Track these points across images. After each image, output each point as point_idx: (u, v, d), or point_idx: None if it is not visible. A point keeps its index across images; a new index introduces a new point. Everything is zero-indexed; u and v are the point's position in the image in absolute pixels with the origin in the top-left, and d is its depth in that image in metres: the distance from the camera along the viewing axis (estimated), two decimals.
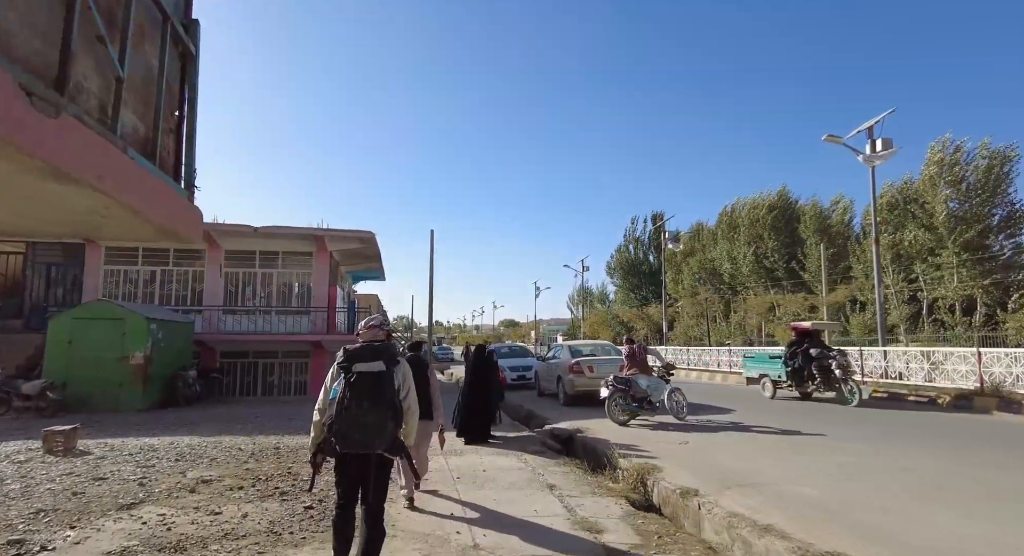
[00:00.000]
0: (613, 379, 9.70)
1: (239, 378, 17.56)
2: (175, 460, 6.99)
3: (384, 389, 3.21)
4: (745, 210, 43.84)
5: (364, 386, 3.16)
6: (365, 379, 3.18)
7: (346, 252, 19.56)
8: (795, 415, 11.08)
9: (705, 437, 8.45)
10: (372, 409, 3.13)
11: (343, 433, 3.11)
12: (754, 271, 42.82)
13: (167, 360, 13.15)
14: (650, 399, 9.67)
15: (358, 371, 3.20)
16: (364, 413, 3.10)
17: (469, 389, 8.72)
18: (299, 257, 18.18)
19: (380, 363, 3.25)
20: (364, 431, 3.11)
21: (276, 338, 17.08)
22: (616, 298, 67.53)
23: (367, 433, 3.12)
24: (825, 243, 37.92)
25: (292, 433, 9.37)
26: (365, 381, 3.17)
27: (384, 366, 3.26)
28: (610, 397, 9.60)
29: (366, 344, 3.40)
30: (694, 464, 6.73)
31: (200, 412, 12.19)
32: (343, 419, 3.10)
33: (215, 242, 17.35)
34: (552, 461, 7.23)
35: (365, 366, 3.22)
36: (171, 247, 17.43)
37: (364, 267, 23.78)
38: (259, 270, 17.95)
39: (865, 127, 14.02)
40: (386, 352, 3.35)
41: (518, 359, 17.88)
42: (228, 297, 17.64)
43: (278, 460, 7.12)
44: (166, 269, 17.42)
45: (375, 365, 3.23)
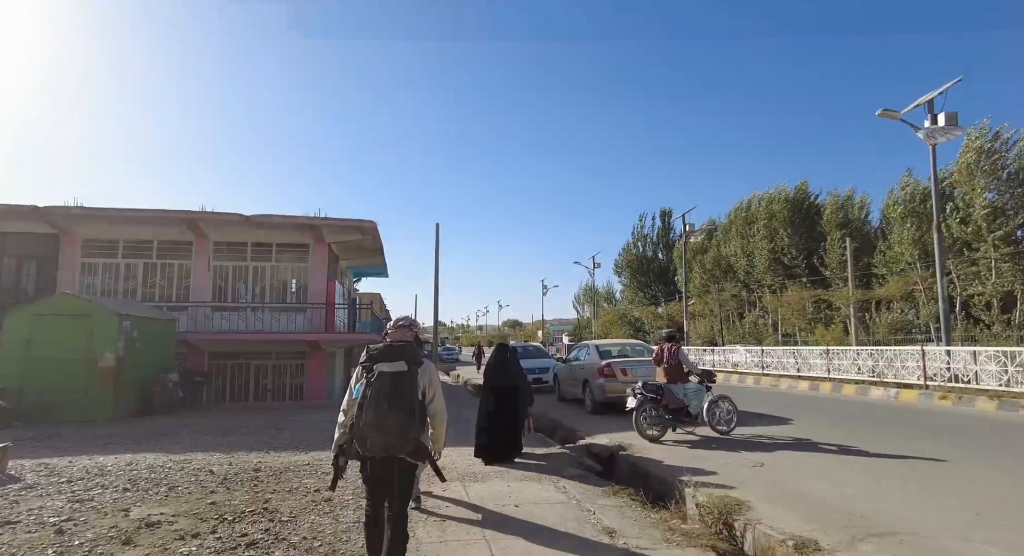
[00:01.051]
0: (642, 387, 8.21)
1: (229, 381, 16.11)
2: (123, 490, 5.52)
3: (405, 391, 3.09)
4: (762, 205, 42.31)
5: (384, 387, 3.06)
6: (386, 379, 3.08)
7: (346, 244, 18.10)
8: (861, 422, 9.59)
9: (776, 457, 6.97)
10: (392, 411, 3.00)
11: (363, 436, 3.04)
12: (770, 268, 41.27)
13: (144, 362, 11.71)
14: (688, 410, 8.18)
15: (380, 371, 3.11)
16: (384, 415, 2.99)
17: (490, 397, 7.25)
18: (294, 250, 16.73)
19: (402, 363, 3.15)
20: (385, 434, 3.01)
21: (269, 337, 15.63)
22: (623, 297, 66.11)
23: (388, 436, 3.01)
24: (847, 238, 36.46)
25: (278, 449, 7.91)
26: (386, 382, 3.08)
27: (406, 366, 3.15)
28: (639, 408, 8.12)
29: (389, 344, 3.32)
30: (785, 496, 5.26)
31: (179, 421, 10.75)
32: (363, 421, 3.02)
33: (203, 233, 15.91)
34: (598, 490, 5.76)
35: (387, 366, 3.12)
36: (154, 239, 16.03)
37: (366, 262, 22.32)
38: (251, 264, 16.50)
39: (925, 100, 12.50)
40: (409, 352, 3.23)
41: (533, 360, 16.38)
42: (217, 293, 16.20)
43: (255, 489, 5.66)
44: (149, 262, 15.98)
45: (397, 365, 3.14)
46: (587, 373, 11.20)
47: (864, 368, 14.96)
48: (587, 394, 11.17)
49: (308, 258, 16.71)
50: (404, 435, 3.04)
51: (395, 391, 3.06)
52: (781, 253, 40.99)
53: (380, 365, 3.13)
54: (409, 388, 3.12)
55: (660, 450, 7.58)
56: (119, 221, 15.35)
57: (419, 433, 3.15)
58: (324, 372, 16.55)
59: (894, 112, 12.75)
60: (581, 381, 11.48)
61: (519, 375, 7.63)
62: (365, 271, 25.92)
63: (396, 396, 3.05)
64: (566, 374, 12.79)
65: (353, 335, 17.32)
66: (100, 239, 15.65)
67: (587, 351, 11.96)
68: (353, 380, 3.28)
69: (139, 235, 15.85)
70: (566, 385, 12.87)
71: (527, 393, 7.77)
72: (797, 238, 40.06)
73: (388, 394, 3.03)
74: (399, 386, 3.09)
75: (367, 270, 25.75)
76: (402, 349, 3.24)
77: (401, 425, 3.02)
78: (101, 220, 15.20)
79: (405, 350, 3.24)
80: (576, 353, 12.92)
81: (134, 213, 14.95)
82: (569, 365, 12.87)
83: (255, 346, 16.07)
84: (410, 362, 3.17)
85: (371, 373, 3.11)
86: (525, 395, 7.67)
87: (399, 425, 3.02)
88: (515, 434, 7.36)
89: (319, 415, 11.73)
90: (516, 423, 7.38)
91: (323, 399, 16.26)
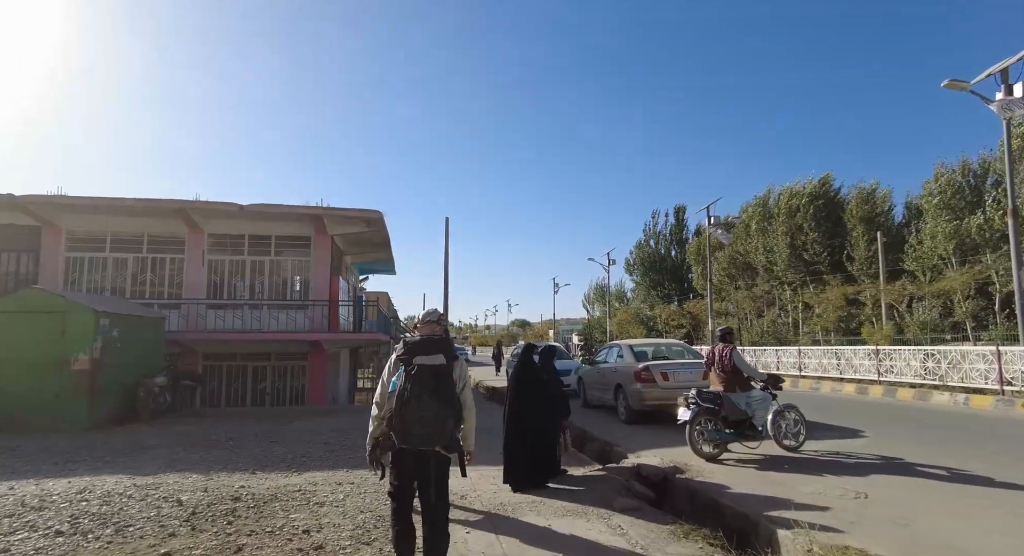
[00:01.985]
0: (696, 395, 6.90)
1: (225, 384, 14.96)
2: (55, 534, 4.30)
3: (444, 383, 3.15)
4: (782, 200, 40.77)
5: (425, 379, 3.09)
6: (426, 372, 3.11)
7: (350, 237, 16.90)
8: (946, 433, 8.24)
9: (874, 485, 5.65)
10: (432, 403, 3.05)
11: (403, 428, 3.05)
12: (792, 265, 39.74)
13: (126, 364, 10.54)
14: (752, 422, 6.87)
15: (419, 364, 3.12)
16: (425, 407, 3.03)
17: (518, 409, 6.00)
18: (295, 243, 15.55)
19: (440, 356, 3.18)
20: (425, 426, 3.04)
21: (268, 337, 14.47)
22: (635, 295, 64.69)
23: (427, 428, 3.05)
24: (873, 233, 34.89)
25: (268, 468, 6.69)
26: (426, 374, 3.10)
27: (444, 359, 3.18)
28: (693, 420, 6.82)
29: (426, 337, 3.32)
30: (918, 546, 3.96)
31: (162, 431, 9.57)
32: (403, 413, 3.05)
33: (196, 225, 14.76)
34: (663, 529, 4.51)
35: (426, 359, 3.14)
36: (145, 231, 14.89)
37: (372, 258, 21.14)
38: (248, 258, 15.33)
39: (996, 69, 11.10)
40: (446, 345, 3.27)
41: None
42: (212, 289, 15.05)
43: (227, 528, 4.43)
44: (139, 256, 14.85)
45: (436, 358, 3.16)
46: (620, 377, 9.91)
47: (919, 370, 13.55)
48: (620, 401, 9.87)
49: (310, 252, 15.54)
50: (443, 427, 3.08)
51: (435, 384, 3.09)
52: (803, 249, 39.47)
53: (419, 358, 3.13)
54: (448, 381, 3.16)
55: (723, 472, 6.28)
56: (105, 212, 14.23)
57: (456, 426, 3.20)
58: (327, 375, 15.36)
59: (962, 83, 11.35)
60: (613, 386, 10.18)
61: (553, 382, 6.37)
62: (371, 268, 24.74)
63: (436, 389, 3.08)
64: (593, 378, 11.49)
65: (358, 335, 16.13)
66: (85, 231, 14.53)
67: (619, 352, 10.64)
68: (387, 373, 3.28)
69: (128, 227, 14.72)
70: (593, 390, 11.58)
71: (562, 403, 6.50)
72: (820, 233, 38.52)
73: (429, 387, 3.06)
74: (439, 379, 3.12)
75: (373, 267, 24.57)
76: (439, 342, 3.26)
77: (442, 417, 3.07)
78: (86, 210, 14.08)
79: (442, 343, 3.26)
80: (605, 354, 11.60)
81: (121, 203, 13.82)
82: (597, 367, 11.57)
83: (253, 346, 14.93)
84: (448, 355, 3.20)
85: (410, 366, 3.12)
86: (560, 406, 6.41)
87: (440, 417, 3.06)
88: (549, 454, 6.11)
89: (321, 423, 10.51)
90: (551, 440, 6.12)
91: (326, 403, 15.07)
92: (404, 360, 3.16)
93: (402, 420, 3.04)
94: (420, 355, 3.15)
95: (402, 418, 3.03)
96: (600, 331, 73.85)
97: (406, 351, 3.20)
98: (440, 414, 3.06)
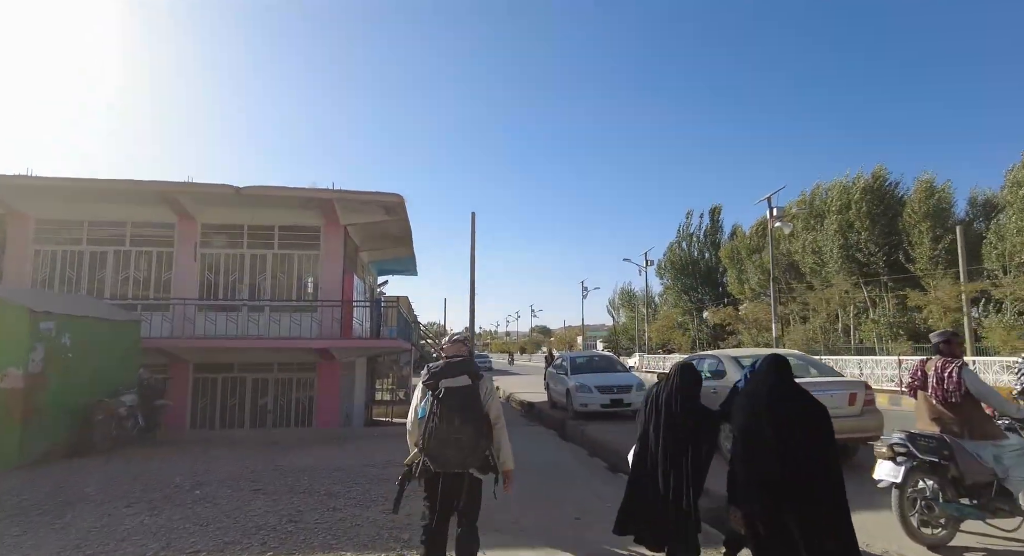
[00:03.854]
0: (908, 440, 4.29)
1: (219, 401, 12.69)
2: None
3: (473, 404, 3.13)
4: (831, 196, 37.70)
5: (454, 401, 3.07)
6: (454, 394, 3.10)
7: (366, 229, 14.60)
8: None
9: None
10: (464, 425, 3.04)
11: (437, 453, 3.04)
12: (843, 266, 36.58)
13: (81, 380, 8.30)
14: (1004, 486, 4.24)
15: (446, 387, 3.11)
16: (457, 430, 3.02)
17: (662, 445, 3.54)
18: (302, 234, 13.27)
19: (465, 377, 3.18)
20: (459, 449, 3.02)
21: (270, 344, 12.18)
22: (664, 300, 61.83)
23: (462, 451, 3.03)
24: (939, 230, 31.72)
25: (234, 550, 4.28)
26: (454, 396, 3.09)
27: (469, 380, 3.17)
28: (904, 482, 4.24)
29: (447, 360, 3.32)
30: None
31: (116, 470, 7.26)
32: (435, 437, 3.03)
33: (187, 213, 12.57)
34: None
35: (451, 382, 3.13)
36: (128, 220, 12.74)
37: (391, 255, 18.80)
38: (247, 251, 13.09)
39: None
40: (468, 366, 3.26)
41: (605, 375, 12.54)
42: (205, 288, 12.83)
43: None
44: (121, 250, 12.68)
45: (460, 380, 3.15)
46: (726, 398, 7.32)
47: None
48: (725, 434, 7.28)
49: (319, 245, 13.24)
50: (476, 448, 3.07)
51: (465, 405, 3.07)
52: (856, 248, 36.32)
53: (444, 381, 3.13)
54: (476, 402, 3.14)
55: None
56: (81, 196, 12.11)
57: (488, 446, 3.16)
58: (338, 389, 13.02)
59: None
60: None
61: (706, 418, 3.83)
62: (390, 268, 22.43)
63: (466, 410, 3.06)
64: None
65: (376, 341, 13.78)
66: (58, 220, 12.42)
67: (724, 366, 8.00)
68: (416, 400, 3.28)
69: (108, 215, 12.58)
70: None
71: (711, 448, 3.94)
72: (874, 232, 35.35)
73: (459, 409, 3.05)
74: (467, 400, 3.10)
75: (392, 267, 22.26)
76: (461, 364, 3.26)
77: (474, 439, 3.05)
78: (57, 195, 11.96)
79: (464, 365, 3.26)
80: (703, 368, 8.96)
81: (98, 185, 11.66)
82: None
83: (253, 355, 12.65)
84: (472, 376, 3.19)
85: (437, 390, 3.11)
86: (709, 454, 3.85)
87: (472, 439, 3.04)
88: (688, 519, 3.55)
89: (326, 456, 8.13)
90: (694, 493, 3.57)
91: (337, 424, 12.71)
92: (430, 385, 3.14)
93: (435, 445, 3.03)
94: (445, 378, 3.12)
95: (435, 442, 3.02)
96: (627, 337, 71.07)
97: (431, 376, 3.17)
98: (473, 436, 3.05)
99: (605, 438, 9.67)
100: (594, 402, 11.50)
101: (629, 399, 11.57)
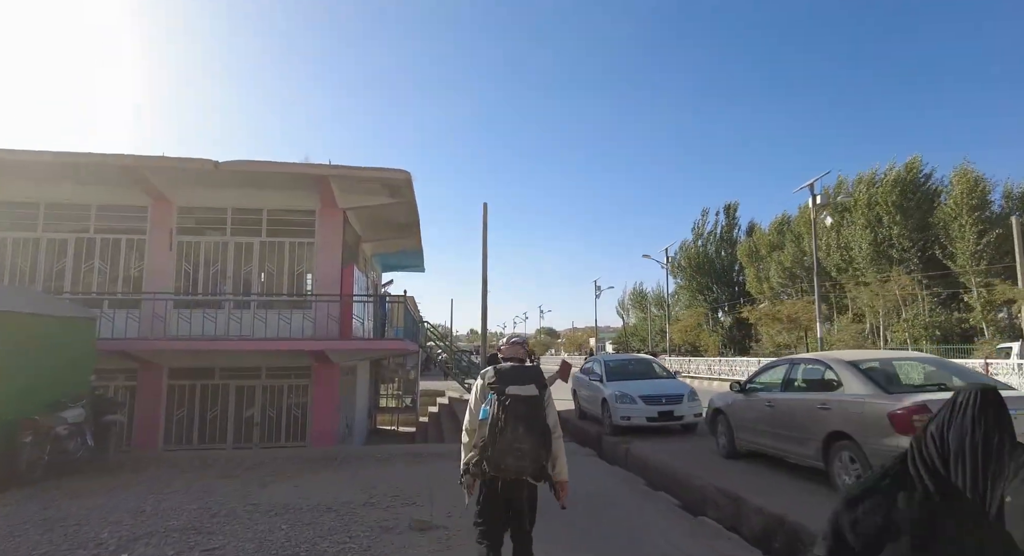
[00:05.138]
0: None
1: (197, 413, 10.91)
2: None
3: (538, 414, 3.08)
4: (861, 188, 35.77)
5: (519, 410, 3.01)
6: (520, 403, 3.03)
7: (368, 215, 12.84)
8: None
9: None
10: (528, 435, 2.98)
11: (497, 458, 2.97)
12: (873, 262, 34.61)
13: (8, 393, 6.54)
14: None
15: (512, 394, 3.05)
16: (520, 439, 2.96)
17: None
18: (295, 219, 11.52)
19: (533, 387, 3.12)
20: (520, 457, 2.96)
21: (258, 346, 10.42)
22: (675, 300, 59.88)
23: (523, 459, 2.97)
24: (983, 224, 29.74)
25: None
26: (520, 405, 3.03)
27: (536, 390, 3.12)
28: None
29: (517, 366, 3.27)
30: None
31: (30, 512, 5.51)
32: (497, 443, 2.95)
33: (161, 195, 10.83)
34: None
35: (519, 389, 3.08)
36: (93, 203, 11.01)
37: (396, 247, 17.04)
38: (231, 239, 11.34)
39: None
40: (536, 375, 3.20)
41: (649, 382, 10.67)
42: (183, 282, 11.08)
43: None
44: (84, 237, 10.96)
45: (528, 389, 3.10)
46: (844, 419, 5.48)
47: None
48: (844, 464, 5.43)
49: (315, 232, 11.48)
50: (537, 458, 3.02)
51: (530, 415, 3.03)
52: (888, 244, 34.35)
53: (512, 388, 3.07)
54: (542, 411, 3.11)
55: None
56: (35, 173, 10.38)
57: (548, 457, 3.10)
58: (337, 397, 11.23)
59: None
60: (819, 436, 5.75)
61: None
62: (395, 263, 20.66)
63: (531, 420, 3.02)
64: (758, 414, 7.03)
65: (381, 343, 12.00)
66: (7, 202, 10.69)
67: (830, 374, 6.11)
68: (475, 400, 3.23)
69: (69, 196, 10.86)
70: (753, 434, 7.14)
71: None
72: (907, 227, 33.39)
73: (524, 418, 3.00)
74: (532, 410, 3.06)
75: (398, 262, 20.50)
76: (530, 372, 3.21)
77: (536, 448, 3.00)
78: (7, 171, 10.24)
79: (532, 373, 3.21)
80: (776, 374, 7.13)
81: (56, 159, 9.92)
82: (756, 397, 7.15)
83: (237, 359, 10.90)
84: (539, 385, 3.15)
85: (503, 396, 3.04)
86: None
87: (534, 449, 2.99)
88: None
89: (313, 488, 6.34)
90: None
91: (335, 438, 10.93)
92: (496, 389, 3.08)
93: (496, 450, 2.95)
94: (513, 385, 3.08)
95: (496, 448, 2.95)
96: (638, 339, 69.06)
97: (498, 380, 3.11)
98: (535, 445, 2.99)
99: (663, 462, 7.79)
100: (638, 415, 9.65)
101: (680, 411, 9.72)
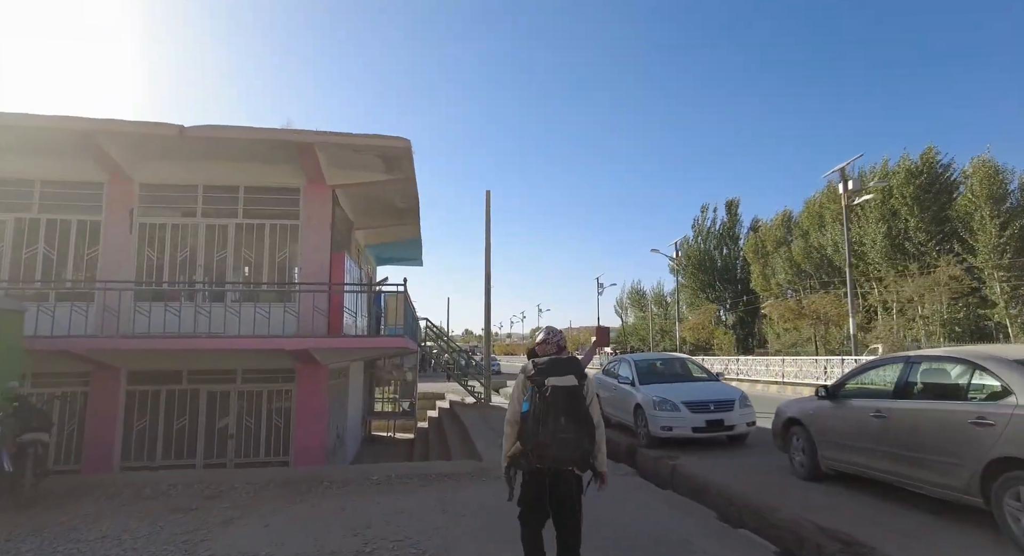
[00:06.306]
0: None
1: (162, 423, 9.31)
2: None
3: (579, 404, 3.15)
4: (875, 180, 34.54)
5: (560, 401, 3.09)
6: (560, 393, 3.11)
7: (362, 195, 11.27)
8: None
9: None
10: (570, 425, 3.06)
11: (540, 449, 3.06)
12: (888, 256, 33.38)
13: None
14: None
15: (552, 385, 3.12)
16: (563, 429, 3.04)
17: None
18: (276, 197, 9.96)
19: (572, 377, 3.19)
20: (563, 448, 3.05)
21: (231, 345, 8.81)
22: (673, 299, 58.58)
23: (565, 449, 3.06)
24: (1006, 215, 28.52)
25: None
26: (560, 396, 3.11)
27: (576, 380, 3.20)
28: None
29: (554, 358, 3.34)
30: None
31: None
32: (540, 434, 3.04)
33: (120, 169, 9.24)
34: None
35: (558, 380, 3.15)
36: (37, 178, 9.40)
37: (393, 236, 15.48)
38: (202, 221, 9.75)
39: None
40: (575, 366, 3.28)
41: (689, 385, 9.19)
42: (145, 270, 9.50)
43: None
44: (26, 217, 9.35)
45: (567, 379, 3.18)
46: (1019, 443, 4.00)
47: None
48: (1020, 508, 3.95)
49: (299, 212, 9.92)
50: (580, 447, 3.09)
51: (571, 405, 3.10)
52: (903, 237, 33.12)
53: (551, 379, 3.14)
54: (582, 402, 3.17)
55: None
56: None
57: (591, 448, 3.17)
58: (325, 403, 9.66)
59: None
60: (974, 463, 4.25)
61: None
62: (392, 255, 19.05)
63: (572, 410, 3.09)
64: (858, 427, 5.51)
65: (376, 340, 10.45)
66: None
67: (992, 377, 4.55)
68: (517, 393, 3.30)
69: (8, 170, 9.25)
70: (848, 452, 5.65)
71: None
72: (923, 219, 32.16)
73: (565, 409, 3.07)
74: (573, 400, 3.12)
75: (394, 254, 18.88)
76: (569, 363, 3.28)
77: (578, 439, 3.08)
78: None
79: (571, 363, 3.28)
80: (884, 375, 5.60)
81: None
82: (852, 405, 5.67)
83: (209, 360, 9.32)
84: (578, 375, 3.21)
85: (543, 387, 3.11)
86: None
87: (577, 438, 3.07)
88: None
89: (296, 526, 4.80)
90: None
91: (323, 451, 9.37)
92: (536, 381, 3.16)
93: (539, 441, 3.03)
94: (552, 376, 3.15)
95: (539, 439, 3.03)
96: (637, 338, 67.62)
97: (538, 372, 3.20)
98: (578, 435, 3.07)
99: (730, 487, 6.28)
100: (682, 425, 8.12)
101: (732, 420, 8.21)
